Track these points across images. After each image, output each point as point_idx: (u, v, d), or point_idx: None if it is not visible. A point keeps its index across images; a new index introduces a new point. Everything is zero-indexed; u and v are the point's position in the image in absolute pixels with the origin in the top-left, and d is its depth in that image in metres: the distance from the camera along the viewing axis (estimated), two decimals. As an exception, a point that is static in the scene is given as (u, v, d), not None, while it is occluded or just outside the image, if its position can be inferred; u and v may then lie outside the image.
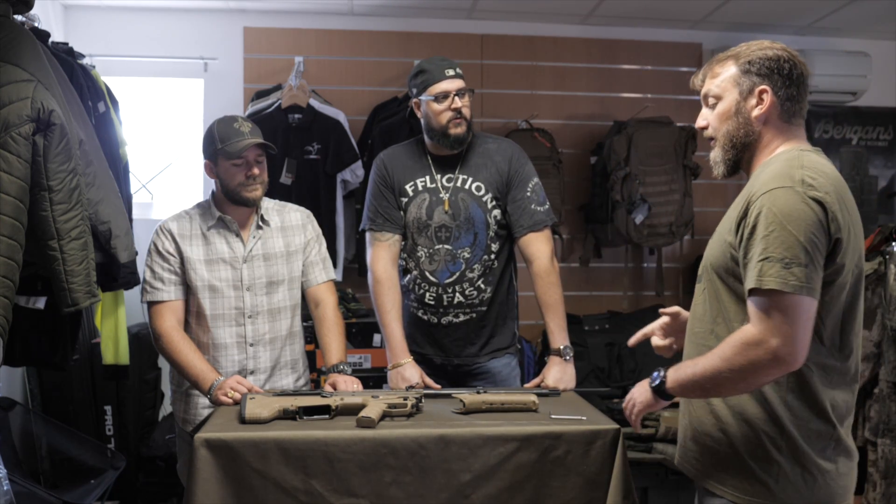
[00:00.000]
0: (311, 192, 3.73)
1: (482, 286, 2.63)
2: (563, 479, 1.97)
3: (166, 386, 3.54)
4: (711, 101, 1.73)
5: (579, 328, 3.83)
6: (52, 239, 2.07)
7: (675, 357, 1.85)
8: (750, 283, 1.52)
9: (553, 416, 2.10)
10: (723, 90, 1.70)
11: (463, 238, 2.61)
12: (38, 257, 2.11)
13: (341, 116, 3.81)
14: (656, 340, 1.97)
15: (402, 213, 2.66)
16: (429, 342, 2.69)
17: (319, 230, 2.66)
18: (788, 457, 1.59)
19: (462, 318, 2.64)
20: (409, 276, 2.69)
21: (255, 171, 2.43)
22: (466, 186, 2.63)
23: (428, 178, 2.65)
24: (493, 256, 2.64)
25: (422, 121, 2.62)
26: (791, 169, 1.55)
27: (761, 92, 1.65)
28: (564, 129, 4.20)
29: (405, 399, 2.10)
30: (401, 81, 4.07)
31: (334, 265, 3.19)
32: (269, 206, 2.57)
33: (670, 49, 4.31)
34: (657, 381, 1.68)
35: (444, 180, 2.64)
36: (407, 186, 2.66)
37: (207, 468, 1.89)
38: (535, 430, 1.99)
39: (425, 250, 2.63)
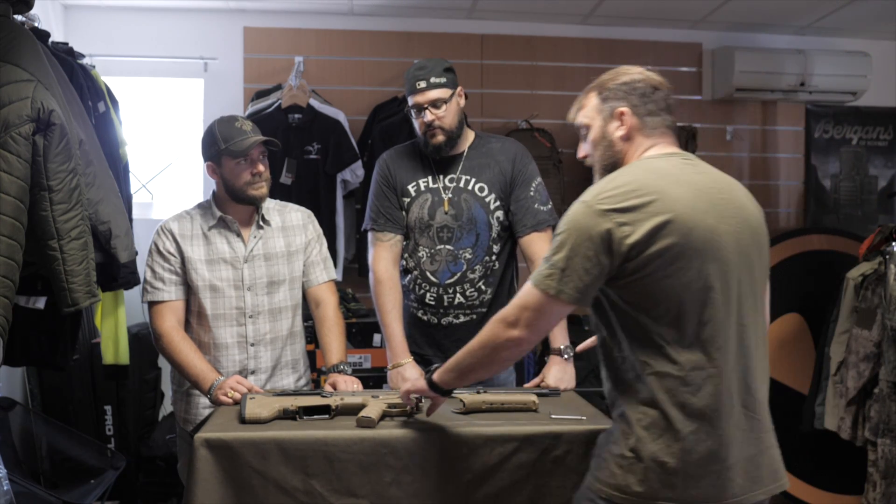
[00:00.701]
0: (311, 192, 3.74)
1: (483, 287, 2.63)
2: (562, 479, 1.97)
3: (166, 386, 3.55)
4: (583, 131, 1.88)
5: (579, 328, 3.82)
6: (52, 239, 2.07)
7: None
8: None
9: (553, 416, 2.10)
10: (590, 119, 1.86)
11: (465, 238, 2.61)
12: (38, 257, 2.11)
13: (341, 116, 3.81)
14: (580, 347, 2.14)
15: (404, 213, 2.66)
16: (428, 343, 2.69)
17: (320, 230, 2.66)
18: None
19: (462, 318, 2.64)
20: (409, 275, 2.68)
21: (260, 168, 2.44)
22: (469, 187, 2.63)
23: (430, 178, 2.65)
24: (494, 257, 2.64)
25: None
26: (602, 184, 1.68)
27: (620, 114, 1.79)
28: (564, 129, 4.20)
29: (405, 399, 2.10)
30: (401, 81, 4.06)
31: (334, 265, 3.19)
32: (270, 205, 2.57)
33: (670, 49, 4.31)
34: (427, 375, 1.90)
35: (446, 180, 2.65)
36: (409, 186, 2.66)
37: (207, 468, 1.89)
38: (535, 430, 1.99)
39: (427, 250, 2.63)
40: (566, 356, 2.55)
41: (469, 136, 2.68)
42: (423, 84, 2.57)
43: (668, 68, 4.31)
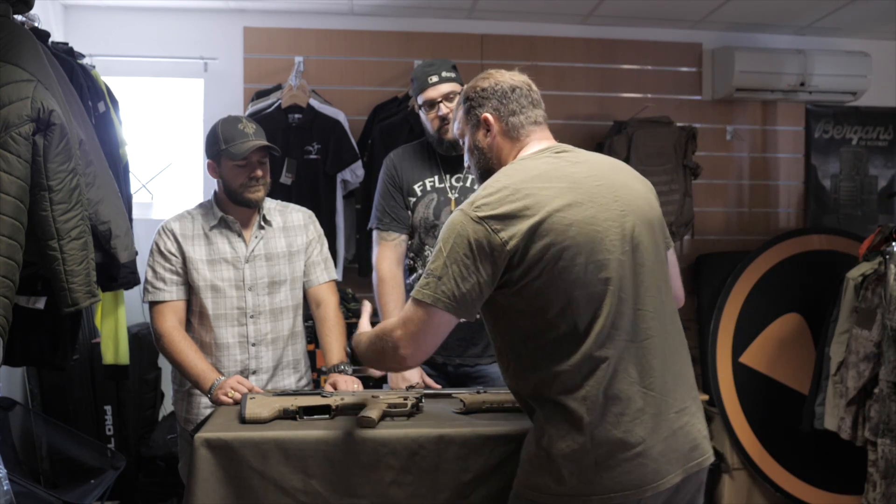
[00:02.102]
0: (311, 192, 3.73)
1: None
2: (563, 479, 1.97)
3: (166, 386, 3.55)
4: (461, 140, 1.89)
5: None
6: (52, 239, 2.07)
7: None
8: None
9: (553, 416, 2.09)
10: (462, 130, 1.87)
11: None
12: (38, 257, 2.11)
13: (341, 116, 3.81)
14: None
15: (409, 212, 2.66)
16: None
17: (321, 230, 2.66)
18: None
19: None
20: (414, 274, 2.68)
21: (259, 172, 2.44)
22: (476, 187, 2.62)
23: (437, 178, 2.66)
24: None
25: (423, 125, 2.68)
26: (479, 189, 1.70)
27: (485, 120, 1.80)
28: (564, 129, 4.20)
29: (405, 399, 2.10)
30: (401, 81, 4.07)
31: (334, 265, 3.19)
32: (271, 206, 2.57)
33: (670, 49, 4.31)
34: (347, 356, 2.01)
35: (452, 180, 2.65)
36: (415, 186, 2.66)
37: (207, 468, 1.89)
38: (535, 430, 1.99)
39: (432, 250, 2.62)
40: None
41: None
42: (435, 78, 2.57)
43: (668, 68, 4.31)
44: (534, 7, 3.99)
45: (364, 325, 2.03)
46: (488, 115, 1.79)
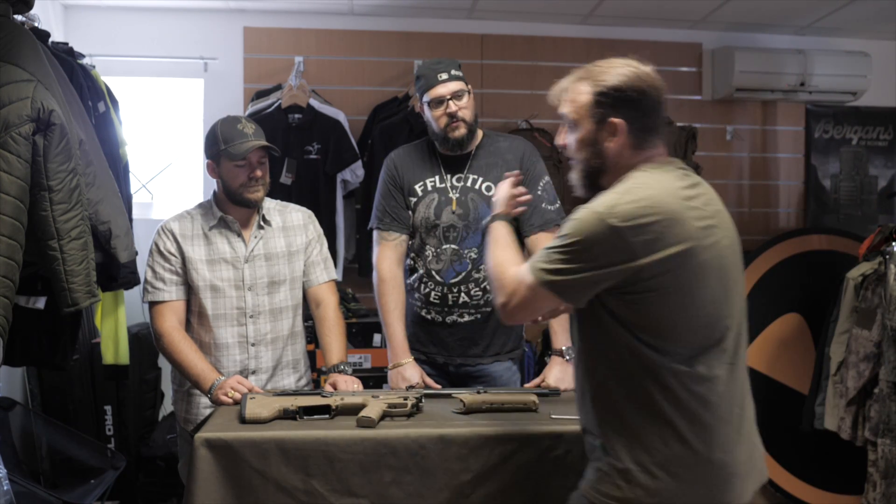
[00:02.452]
0: (311, 192, 3.74)
1: (488, 287, 2.61)
2: (563, 479, 1.97)
3: (166, 386, 3.55)
4: (570, 124, 1.76)
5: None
6: (52, 239, 2.07)
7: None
8: (531, 259, 1.71)
9: (553, 416, 2.10)
10: (579, 117, 1.73)
11: (470, 238, 2.60)
12: (38, 257, 2.11)
13: (341, 116, 3.81)
14: None
15: (410, 212, 2.66)
16: (432, 341, 2.69)
17: (321, 230, 2.66)
18: None
19: (467, 318, 2.64)
20: (415, 274, 2.68)
21: (258, 172, 2.44)
22: (476, 186, 2.63)
23: (437, 178, 2.65)
24: None
25: (427, 126, 2.65)
26: (611, 195, 1.62)
27: (614, 125, 1.68)
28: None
29: (405, 399, 2.11)
30: (401, 81, 4.07)
31: (334, 265, 3.19)
32: (271, 206, 2.57)
33: (670, 49, 4.31)
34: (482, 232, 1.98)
35: (453, 180, 2.64)
36: (416, 186, 2.65)
37: (207, 468, 1.89)
38: (535, 430, 1.99)
39: (433, 250, 2.63)
40: (567, 357, 2.55)
41: (478, 136, 2.67)
42: (445, 76, 2.55)
43: (668, 68, 4.31)
44: (534, 7, 3.99)
45: (503, 190, 2.05)
46: (619, 123, 1.67)
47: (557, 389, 2.45)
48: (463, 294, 2.62)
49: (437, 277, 2.63)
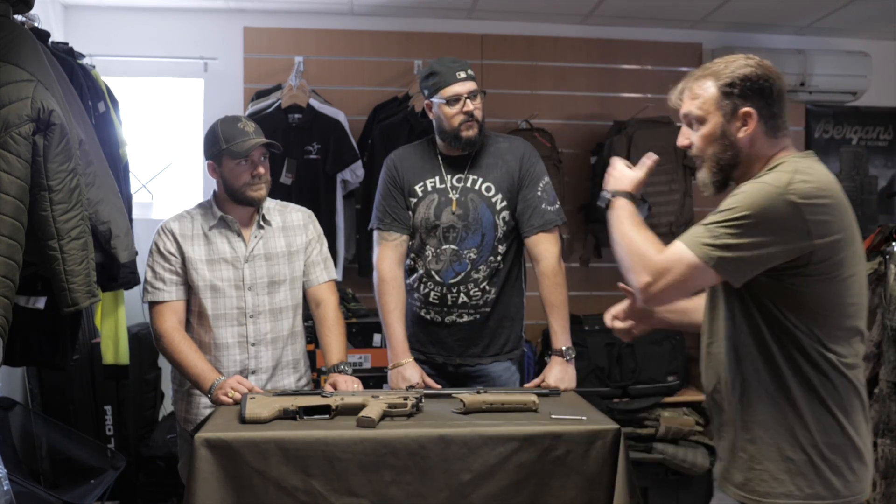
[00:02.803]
0: (311, 192, 3.73)
1: (487, 287, 2.63)
2: (563, 479, 1.97)
3: (166, 386, 3.55)
4: (694, 123, 1.73)
5: (579, 328, 3.83)
6: (52, 239, 2.07)
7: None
8: (681, 236, 1.63)
9: (553, 416, 2.10)
10: (705, 112, 1.70)
11: (470, 239, 2.60)
12: (38, 257, 2.11)
13: (341, 116, 3.81)
14: (617, 323, 2.01)
15: (410, 213, 2.66)
16: (431, 341, 2.69)
17: (321, 230, 2.66)
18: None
19: (466, 318, 2.64)
20: (415, 274, 2.68)
21: (261, 170, 2.44)
22: (476, 187, 2.63)
23: (438, 178, 2.65)
24: (499, 258, 2.63)
25: (434, 122, 2.63)
26: (781, 174, 1.58)
27: (745, 114, 1.66)
28: (564, 129, 4.20)
29: (405, 399, 2.11)
30: (401, 81, 4.07)
31: (334, 265, 3.19)
32: (271, 205, 2.57)
33: (670, 49, 4.31)
34: (604, 203, 1.84)
35: (453, 180, 2.64)
36: (416, 187, 2.65)
37: (207, 468, 1.89)
38: (535, 430, 1.99)
39: (433, 250, 2.63)
40: (567, 357, 2.55)
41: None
42: (463, 74, 2.55)
43: (668, 68, 4.31)
44: (534, 7, 3.99)
45: (623, 169, 1.89)
46: (751, 112, 1.66)
47: (557, 389, 2.45)
48: (462, 294, 2.62)
49: (437, 277, 2.63)
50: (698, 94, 1.71)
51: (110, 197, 2.43)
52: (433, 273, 2.63)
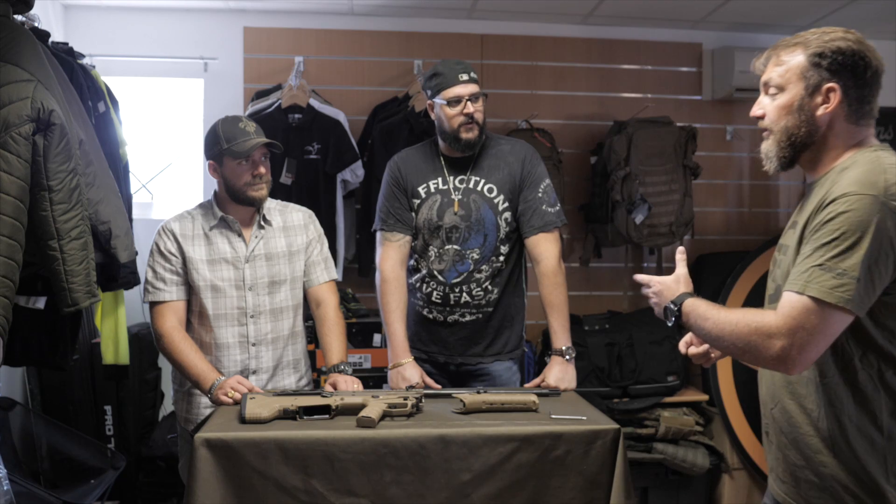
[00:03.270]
0: (311, 192, 3.73)
1: (489, 287, 2.65)
2: (563, 479, 1.97)
3: (166, 386, 3.55)
4: (772, 90, 1.61)
5: (579, 328, 3.82)
6: (52, 239, 2.07)
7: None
8: (792, 284, 1.47)
9: (553, 416, 2.10)
10: (786, 81, 1.58)
11: (472, 239, 2.63)
12: (38, 257, 2.11)
13: (341, 116, 3.81)
14: (692, 349, 1.84)
15: (413, 214, 2.67)
16: (433, 340, 2.71)
17: (321, 230, 2.66)
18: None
19: (468, 317, 2.66)
20: (417, 274, 2.70)
21: (262, 169, 2.44)
22: (479, 188, 2.65)
23: (440, 179, 2.67)
24: (501, 258, 2.66)
25: (435, 123, 2.66)
26: (874, 174, 1.46)
27: (829, 90, 1.54)
28: (564, 129, 4.20)
29: (405, 399, 2.11)
30: (401, 81, 4.07)
31: (334, 265, 3.19)
32: (271, 205, 2.57)
33: (670, 49, 4.31)
34: (673, 317, 1.66)
35: (456, 181, 2.66)
36: (420, 188, 2.68)
37: (207, 468, 1.89)
38: (535, 430, 1.99)
39: (435, 250, 2.65)
40: (567, 357, 2.56)
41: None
42: (465, 76, 2.57)
43: (668, 68, 4.31)
44: (534, 7, 3.99)
45: (679, 276, 1.73)
46: (836, 88, 1.53)
47: (557, 389, 2.46)
48: (465, 294, 2.64)
49: (440, 277, 2.65)
50: (784, 60, 1.59)
51: (110, 197, 2.43)
52: (436, 273, 2.65)
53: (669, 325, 1.70)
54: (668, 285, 1.71)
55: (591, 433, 2.00)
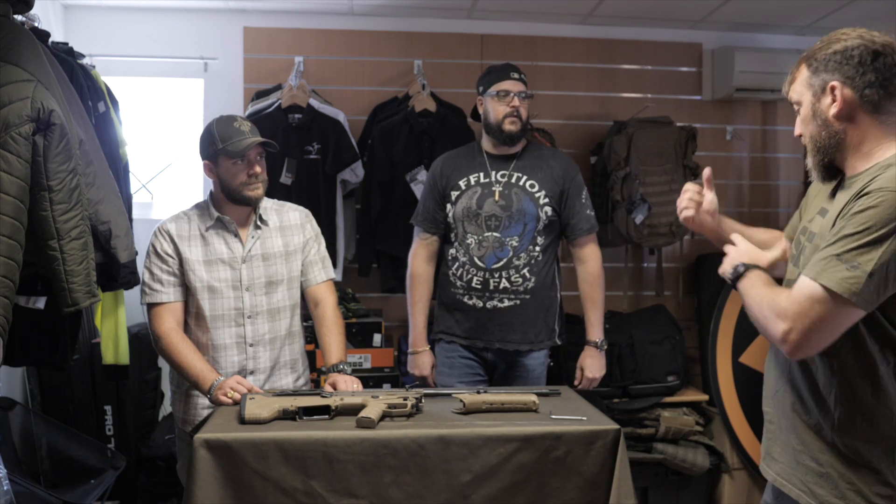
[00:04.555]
0: (311, 192, 3.73)
1: (527, 275, 2.83)
2: (563, 480, 1.97)
3: (166, 386, 3.54)
4: (795, 107, 1.69)
5: (580, 328, 3.82)
6: (52, 239, 2.07)
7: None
8: (809, 270, 1.49)
9: (553, 416, 2.10)
10: (800, 95, 1.66)
11: (512, 227, 2.82)
12: (38, 257, 2.11)
13: (341, 116, 3.80)
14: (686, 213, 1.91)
15: (449, 208, 2.91)
16: (473, 327, 2.88)
17: (318, 229, 2.66)
18: None
19: (507, 303, 2.83)
20: (457, 263, 2.88)
21: (257, 169, 2.44)
22: (520, 183, 2.86)
23: (482, 174, 2.89)
24: (538, 248, 2.85)
25: (482, 118, 2.92)
26: None
27: (832, 88, 1.58)
28: (564, 129, 4.20)
29: (405, 399, 2.11)
30: (401, 81, 4.07)
31: (334, 265, 3.20)
32: (268, 205, 2.57)
33: (670, 49, 4.31)
34: (737, 272, 1.68)
35: (498, 175, 2.88)
36: (460, 182, 2.89)
37: (207, 468, 1.89)
38: (535, 430, 1.99)
39: (475, 238, 2.85)
40: (601, 348, 2.95)
41: (522, 140, 2.94)
42: (516, 75, 2.88)
43: (668, 68, 4.31)
44: (534, 7, 3.99)
45: (745, 248, 1.74)
46: (837, 84, 1.56)
47: (557, 390, 2.46)
48: (504, 280, 2.82)
49: (480, 263, 2.83)
50: (795, 77, 1.68)
51: (110, 197, 2.43)
52: (476, 259, 2.84)
53: (727, 279, 1.71)
54: (750, 251, 1.73)
55: (592, 433, 2.00)
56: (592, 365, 2.92)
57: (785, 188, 4.47)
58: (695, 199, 1.91)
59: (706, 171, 1.91)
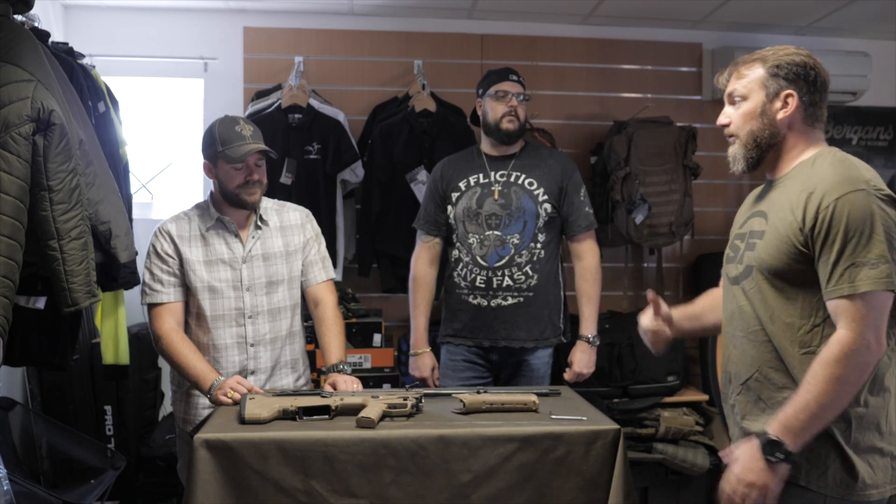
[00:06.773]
0: (311, 192, 3.73)
1: (529, 272, 2.86)
2: (563, 480, 1.97)
3: (166, 386, 3.54)
4: (737, 100, 1.80)
5: (576, 328, 3.82)
6: (52, 239, 2.07)
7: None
8: (834, 291, 1.60)
9: (553, 416, 2.10)
10: (749, 91, 1.78)
11: (513, 225, 2.84)
12: (38, 257, 2.11)
13: (341, 116, 3.80)
14: (644, 320, 2.08)
15: (450, 210, 2.94)
16: (478, 326, 2.89)
17: (318, 229, 2.66)
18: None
19: (511, 301, 2.85)
20: (460, 264, 2.91)
21: (255, 175, 2.44)
22: (519, 182, 2.89)
23: (481, 174, 2.94)
24: (539, 246, 2.87)
25: (480, 119, 2.96)
26: (849, 170, 1.64)
27: (787, 96, 1.74)
28: (564, 129, 4.20)
29: (405, 399, 2.11)
30: (401, 81, 4.07)
31: (334, 265, 3.20)
32: (268, 205, 2.57)
33: (670, 49, 4.31)
34: (778, 455, 1.62)
35: (497, 175, 2.91)
36: (460, 183, 2.92)
37: (207, 468, 1.89)
38: (535, 431, 1.99)
39: (476, 237, 2.87)
40: (592, 344, 2.93)
41: (520, 141, 2.98)
42: (515, 77, 2.94)
43: (668, 68, 4.31)
44: (534, 7, 3.99)
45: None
46: (794, 93, 1.74)
47: (557, 389, 2.46)
48: (507, 278, 2.84)
49: (482, 262, 2.86)
50: (745, 74, 1.79)
51: (110, 197, 2.43)
52: (478, 258, 2.86)
53: (776, 458, 1.63)
54: (742, 463, 1.67)
55: (592, 433, 2.00)
56: (581, 360, 2.91)
57: (785, 188, 4.47)
58: (651, 329, 2.08)
59: (649, 294, 2.07)
